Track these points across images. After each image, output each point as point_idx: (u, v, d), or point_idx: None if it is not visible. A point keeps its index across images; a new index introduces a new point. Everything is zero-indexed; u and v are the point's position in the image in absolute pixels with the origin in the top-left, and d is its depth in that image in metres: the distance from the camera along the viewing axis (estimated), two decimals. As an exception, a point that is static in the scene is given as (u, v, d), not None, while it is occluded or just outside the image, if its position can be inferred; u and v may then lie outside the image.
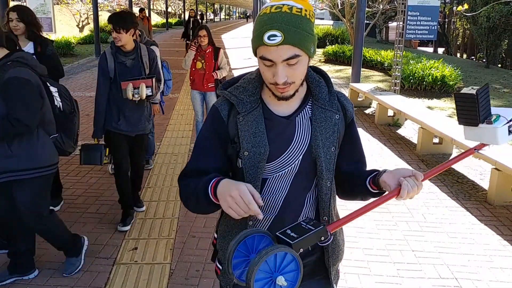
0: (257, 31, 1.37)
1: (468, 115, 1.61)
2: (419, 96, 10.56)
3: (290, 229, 1.32)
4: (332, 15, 35.39)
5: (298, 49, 1.34)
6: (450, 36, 36.60)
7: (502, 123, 1.58)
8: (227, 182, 1.35)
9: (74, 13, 28.40)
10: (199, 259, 3.62)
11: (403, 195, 1.39)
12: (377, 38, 30.19)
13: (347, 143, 1.63)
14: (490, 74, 15.00)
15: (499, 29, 17.84)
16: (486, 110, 1.60)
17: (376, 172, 1.54)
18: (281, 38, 1.31)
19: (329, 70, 15.11)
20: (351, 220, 1.40)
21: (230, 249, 1.27)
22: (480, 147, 1.66)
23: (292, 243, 1.25)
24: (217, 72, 5.87)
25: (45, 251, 3.69)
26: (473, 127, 1.62)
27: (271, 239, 1.32)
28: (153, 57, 4.02)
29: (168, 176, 5.45)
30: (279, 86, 1.38)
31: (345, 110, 1.59)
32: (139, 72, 3.88)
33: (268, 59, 1.35)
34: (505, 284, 3.40)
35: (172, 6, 56.98)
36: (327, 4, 21.12)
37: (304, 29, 1.35)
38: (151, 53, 4.00)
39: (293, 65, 1.36)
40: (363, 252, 3.78)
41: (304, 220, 1.36)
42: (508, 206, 4.75)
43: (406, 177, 1.42)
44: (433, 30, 9.41)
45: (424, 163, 6.05)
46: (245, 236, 1.28)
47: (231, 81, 1.59)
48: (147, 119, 4.12)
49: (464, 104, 1.62)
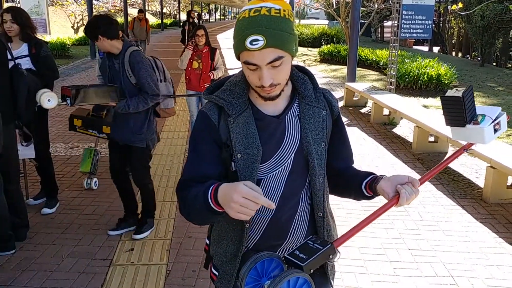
0: (239, 37, 1.36)
1: (455, 116, 1.65)
2: (414, 95, 10.59)
3: (298, 249, 1.31)
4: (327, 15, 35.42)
5: (281, 50, 1.34)
6: (445, 35, 36.71)
7: (488, 123, 1.62)
8: (224, 188, 1.31)
9: (68, 14, 28.33)
10: (195, 260, 3.62)
11: (402, 203, 1.41)
12: (372, 37, 30.23)
13: (335, 139, 1.64)
14: (485, 73, 15.06)
15: (493, 27, 17.93)
16: (471, 110, 1.64)
17: (372, 176, 1.55)
18: (263, 42, 1.31)
19: (324, 70, 15.13)
20: (357, 233, 1.41)
21: (242, 276, 1.29)
22: (468, 146, 1.70)
23: (303, 266, 1.25)
24: (213, 72, 5.88)
25: (40, 253, 3.68)
26: (461, 127, 1.66)
27: (280, 261, 1.33)
28: (134, 63, 3.58)
29: (164, 176, 5.45)
30: (265, 89, 1.39)
31: (331, 106, 1.61)
32: (123, 78, 3.61)
33: (252, 63, 1.35)
34: (500, 281, 3.41)
35: (167, 7, 56.90)
36: (322, 4, 21.15)
37: (285, 30, 1.34)
38: (132, 58, 3.59)
39: (277, 67, 1.36)
40: (359, 251, 3.79)
41: (311, 239, 1.36)
42: (503, 203, 4.77)
43: (403, 184, 1.43)
44: (428, 29, 9.44)
45: (420, 162, 6.06)
46: (256, 262, 1.30)
47: (216, 85, 1.57)
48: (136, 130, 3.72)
49: (450, 106, 1.66)
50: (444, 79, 10.91)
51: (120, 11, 36.00)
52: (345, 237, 1.39)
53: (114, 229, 4.05)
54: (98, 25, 3.52)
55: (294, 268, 1.27)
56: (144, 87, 3.60)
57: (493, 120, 1.63)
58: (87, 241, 3.89)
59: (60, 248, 3.78)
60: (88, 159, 4.95)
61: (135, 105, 3.60)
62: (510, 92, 11.59)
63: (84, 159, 4.99)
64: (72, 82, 12.01)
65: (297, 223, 1.57)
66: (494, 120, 1.64)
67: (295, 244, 1.56)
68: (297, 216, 1.56)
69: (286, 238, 1.56)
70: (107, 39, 3.53)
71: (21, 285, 3.27)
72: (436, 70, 11.01)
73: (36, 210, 4.42)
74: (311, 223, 1.60)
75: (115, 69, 3.66)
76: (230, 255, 1.57)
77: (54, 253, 3.69)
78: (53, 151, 5.29)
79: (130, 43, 3.73)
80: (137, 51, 3.64)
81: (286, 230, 1.56)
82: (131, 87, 3.63)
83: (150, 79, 3.61)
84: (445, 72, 11.09)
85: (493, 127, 1.64)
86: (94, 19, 3.66)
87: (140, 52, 3.65)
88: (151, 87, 3.60)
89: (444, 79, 10.90)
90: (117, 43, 3.61)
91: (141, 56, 3.62)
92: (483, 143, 1.64)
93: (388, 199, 1.44)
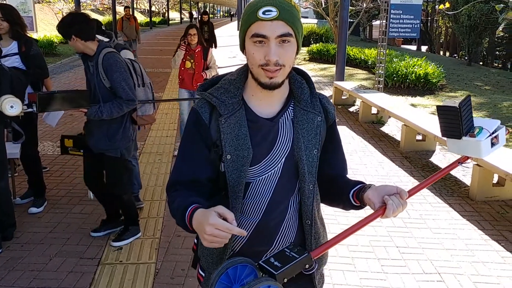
0: (251, 10, 1.37)
1: (451, 127, 1.59)
2: (402, 94, 10.66)
3: (273, 257, 1.29)
4: (316, 14, 35.48)
5: (291, 28, 1.36)
6: (433, 34, 36.99)
7: (485, 136, 1.56)
8: (199, 216, 1.29)
9: (56, 12, 28.04)
10: (184, 258, 3.62)
11: (389, 215, 1.35)
12: (361, 36, 30.34)
13: (328, 146, 1.59)
14: (472, 72, 15.20)
15: (480, 27, 18.08)
16: (468, 122, 1.58)
17: (360, 185, 1.51)
18: (276, 13, 1.33)
19: (313, 69, 15.18)
20: (336, 244, 1.38)
21: (212, 281, 1.26)
22: (464, 159, 1.64)
23: (276, 274, 1.23)
24: (206, 71, 5.86)
25: (27, 253, 3.65)
26: (456, 139, 1.60)
27: (254, 268, 1.30)
28: (107, 65, 3.34)
29: (153, 175, 5.43)
30: (269, 68, 1.36)
31: (327, 112, 1.57)
32: (97, 82, 3.39)
33: (262, 34, 1.34)
34: (486, 278, 3.46)
35: (156, 5, 56.62)
36: (311, 3, 21.17)
37: (295, 13, 1.38)
38: (106, 61, 3.34)
39: (284, 45, 1.36)
40: (348, 248, 3.81)
41: (288, 247, 1.34)
42: (489, 201, 4.83)
43: (390, 195, 1.38)
44: (416, 28, 9.51)
45: (407, 160, 6.11)
46: (227, 267, 1.27)
47: (211, 82, 1.54)
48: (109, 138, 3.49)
49: (446, 116, 1.59)
50: (432, 78, 10.99)
51: (108, 9, 35.76)
52: (324, 247, 1.38)
53: (96, 230, 3.95)
54: (72, 23, 3.30)
55: (268, 276, 1.25)
56: (118, 92, 3.36)
57: (490, 133, 1.57)
58: (75, 240, 3.87)
59: (48, 247, 3.76)
60: None
61: (109, 111, 3.35)
62: (496, 91, 11.72)
63: None
64: (59, 81, 11.91)
65: (284, 229, 1.53)
66: (492, 133, 1.57)
67: None
68: (285, 222, 1.53)
69: (272, 244, 1.53)
70: (81, 40, 3.32)
71: (8, 285, 3.24)
72: (424, 69, 11.09)
73: (24, 209, 4.38)
74: (299, 231, 1.57)
75: (90, 72, 3.44)
76: (216, 257, 1.55)
77: (42, 253, 3.66)
78: (41, 149, 5.24)
79: (105, 44, 3.47)
80: (111, 53, 3.39)
81: (273, 236, 1.52)
82: (106, 91, 3.39)
83: (125, 83, 3.36)
84: (433, 71, 11.18)
85: (490, 141, 1.57)
86: (69, 17, 3.40)
87: (115, 54, 3.40)
88: (125, 91, 3.35)
89: (432, 78, 10.99)
90: (91, 44, 3.39)
91: (115, 58, 3.37)
92: (479, 156, 1.58)
93: (374, 209, 1.39)
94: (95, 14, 38.53)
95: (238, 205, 1.47)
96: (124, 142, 3.55)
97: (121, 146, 3.55)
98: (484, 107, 9.18)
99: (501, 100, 9.97)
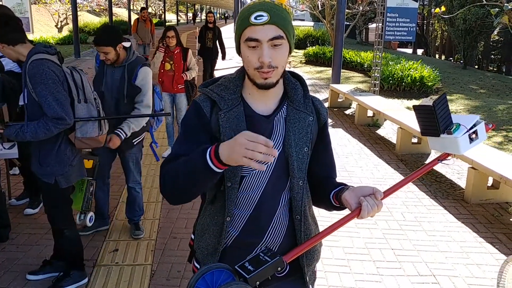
0: (244, 15, 1.43)
1: (428, 126, 1.62)
2: (398, 97, 10.70)
3: (248, 261, 1.36)
4: (312, 17, 35.61)
5: (282, 31, 1.42)
6: (428, 38, 37.18)
7: (462, 132, 1.58)
8: (224, 146, 1.29)
9: (52, 13, 28.03)
10: (180, 260, 3.62)
11: (364, 216, 1.40)
12: (357, 39, 30.49)
13: (319, 146, 1.66)
14: (467, 75, 15.27)
15: (475, 31, 18.19)
16: (446, 119, 1.60)
17: (341, 187, 1.56)
18: (267, 18, 1.39)
19: (310, 71, 15.20)
20: (309, 247, 1.46)
21: (189, 287, 1.31)
22: (445, 156, 1.66)
23: (247, 277, 1.29)
24: (186, 73, 5.83)
25: (23, 254, 3.64)
26: (435, 137, 1.63)
27: (230, 272, 1.35)
28: (31, 75, 2.73)
29: (149, 177, 5.43)
30: (263, 70, 1.42)
31: (319, 113, 1.63)
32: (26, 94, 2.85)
33: (254, 38, 1.40)
34: (480, 280, 3.48)
35: (153, 7, 56.63)
36: (307, 6, 21.24)
37: (286, 16, 1.45)
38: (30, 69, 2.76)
39: (277, 48, 1.42)
40: (343, 250, 3.83)
41: (263, 251, 1.40)
42: (483, 204, 4.86)
43: (366, 196, 1.42)
44: (411, 32, 9.56)
45: (403, 163, 6.14)
46: (203, 273, 1.32)
47: (211, 81, 1.62)
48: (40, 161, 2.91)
49: (423, 115, 1.62)
50: (428, 81, 11.05)
51: (105, 11, 35.72)
52: (296, 250, 1.46)
53: (34, 272, 3.33)
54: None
55: (242, 280, 1.31)
56: (43, 108, 2.73)
57: (468, 129, 1.59)
58: (71, 242, 3.86)
59: (44, 248, 3.75)
60: (79, 193, 3.81)
61: (33, 132, 2.73)
62: (491, 94, 11.78)
63: (75, 193, 3.78)
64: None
65: (275, 223, 1.59)
66: (469, 129, 1.59)
67: (272, 243, 1.59)
68: (276, 216, 1.59)
69: (263, 237, 1.58)
70: (6, 45, 2.79)
71: (4, 286, 3.24)
72: (420, 73, 11.15)
73: (19, 211, 4.37)
74: (290, 226, 1.62)
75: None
76: (211, 249, 1.61)
77: (37, 254, 3.65)
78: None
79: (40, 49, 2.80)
80: (39, 60, 2.72)
81: (264, 229, 1.58)
82: (36, 107, 2.77)
83: (52, 97, 2.71)
84: (429, 74, 11.23)
85: (468, 137, 1.59)
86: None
87: (43, 61, 2.73)
88: (51, 108, 2.71)
89: (428, 81, 11.04)
90: (22, 48, 2.82)
91: (42, 66, 2.71)
92: (458, 153, 1.60)
93: (351, 210, 1.44)
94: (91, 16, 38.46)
95: (233, 198, 1.53)
96: (59, 167, 2.92)
97: (56, 172, 2.92)
98: (479, 110, 9.22)
99: (495, 103, 10.02)
